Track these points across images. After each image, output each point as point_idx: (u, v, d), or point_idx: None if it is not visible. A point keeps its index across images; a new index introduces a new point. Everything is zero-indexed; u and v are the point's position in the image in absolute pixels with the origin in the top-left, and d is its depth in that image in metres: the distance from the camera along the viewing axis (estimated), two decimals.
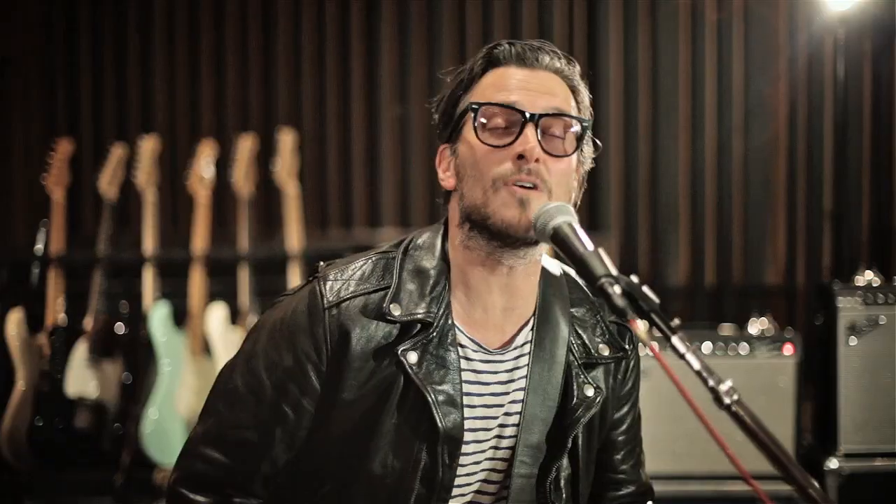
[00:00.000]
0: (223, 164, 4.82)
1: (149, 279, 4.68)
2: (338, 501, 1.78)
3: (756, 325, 4.39)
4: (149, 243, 4.69)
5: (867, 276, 4.45)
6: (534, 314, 1.84)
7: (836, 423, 4.32)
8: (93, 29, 5.58)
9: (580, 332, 1.88)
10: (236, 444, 1.77)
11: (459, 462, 1.78)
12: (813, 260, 5.29)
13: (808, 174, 5.30)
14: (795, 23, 5.27)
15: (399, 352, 1.74)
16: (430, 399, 1.74)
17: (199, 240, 4.65)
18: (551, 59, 1.78)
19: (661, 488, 4.18)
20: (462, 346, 1.78)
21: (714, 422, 1.51)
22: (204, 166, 4.70)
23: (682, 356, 1.55)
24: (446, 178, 1.80)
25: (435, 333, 1.76)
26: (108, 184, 4.72)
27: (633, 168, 5.39)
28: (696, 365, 1.53)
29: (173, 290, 4.67)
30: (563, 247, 1.63)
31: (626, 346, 1.91)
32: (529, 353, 1.83)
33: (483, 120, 1.73)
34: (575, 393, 1.84)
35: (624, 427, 1.99)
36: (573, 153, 1.76)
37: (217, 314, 4.59)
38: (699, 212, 5.37)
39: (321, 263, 1.87)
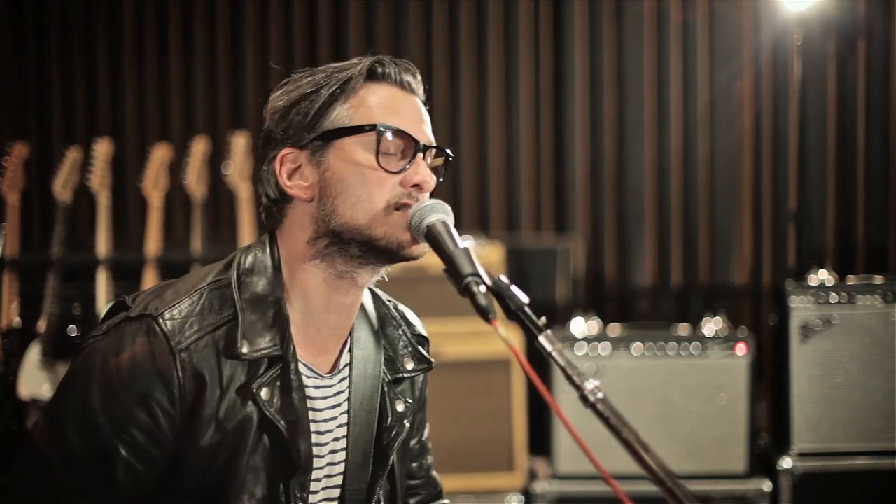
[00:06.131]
0: (181, 167, 4.81)
1: (102, 282, 4.67)
2: None
3: (710, 325, 4.37)
4: (102, 246, 4.69)
5: (821, 276, 4.44)
6: (350, 334, 1.81)
7: (790, 422, 4.30)
8: (62, 34, 5.58)
9: (387, 347, 1.86)
10: None
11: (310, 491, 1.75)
12: (778, 260, 5.27)
13: (773, 174, 5.29)
14: (759, 24, 5.25)
15: (254, 390, 1.67)
16: (284, 433, 1.69)
17: (153, 242, 4.65)
18: (418, 84, 1.77)
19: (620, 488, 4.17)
20: (299, 372, 1.74)
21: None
22: (158, 169, 4.70)
23: (548, 354, 1.56)
24: (296, 188, 1.73)
25: (282, 365, 1.71)
26: (62, 187, 4.71)
27: (598, 169, 5.37)
28: (561, 362, 1.54)
29: (126, 293, 4.64)
30: (434, 244, 1.66)
31: (430, 358, 1.92)
32: (349, 375, 1.80)
33: (383, 143, 1.69)
34: (389, 410, 1.83)
35: (420, 435, 1.99)
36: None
37: None
38: (665, 212, 5.36)
39: (127, 297, 1.77)
